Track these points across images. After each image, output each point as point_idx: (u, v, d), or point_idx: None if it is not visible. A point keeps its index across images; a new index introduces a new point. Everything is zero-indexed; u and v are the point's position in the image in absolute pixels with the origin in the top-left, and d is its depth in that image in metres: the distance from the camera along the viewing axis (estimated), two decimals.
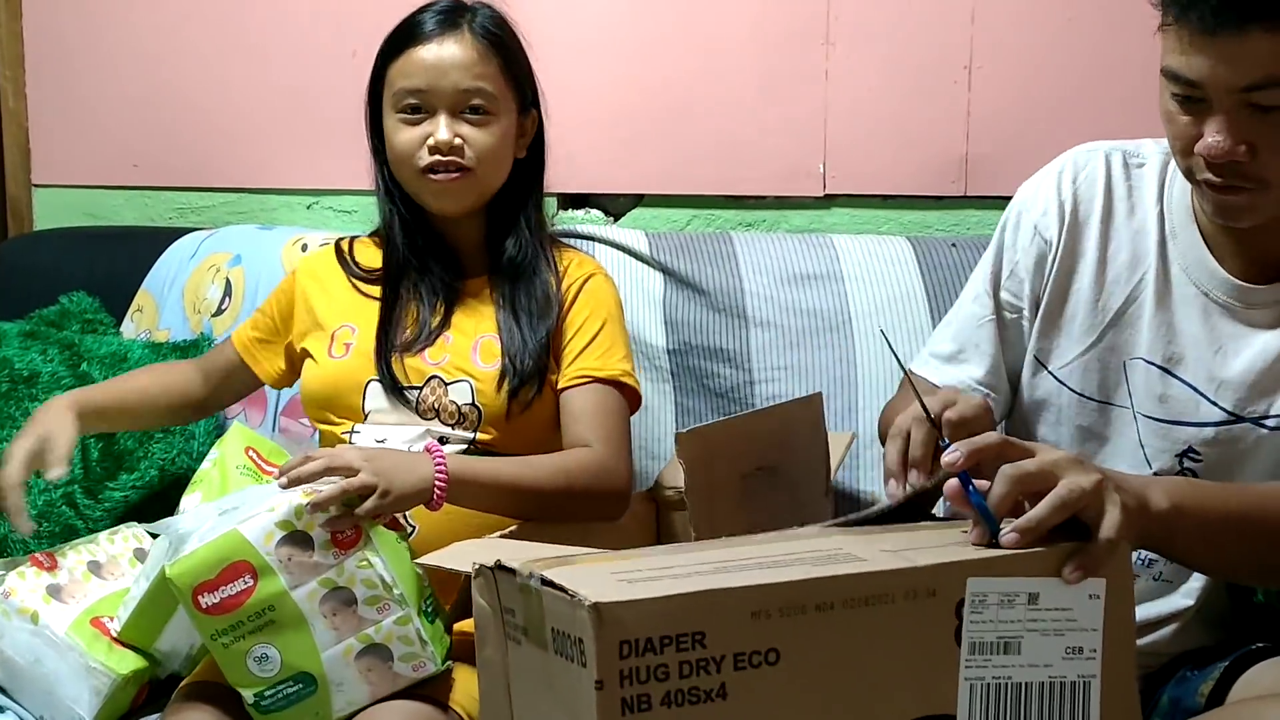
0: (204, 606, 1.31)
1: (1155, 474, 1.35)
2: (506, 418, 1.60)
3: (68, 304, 2.17)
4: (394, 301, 1.67)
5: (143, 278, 2.24)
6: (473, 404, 1.60)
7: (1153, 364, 1.36)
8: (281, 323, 1.75)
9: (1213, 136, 1.18)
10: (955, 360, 1.48)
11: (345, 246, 1.77)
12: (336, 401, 1.63)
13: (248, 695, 1.34)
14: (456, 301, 1.68)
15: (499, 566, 0.94)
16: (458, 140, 1.61)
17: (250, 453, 1.65)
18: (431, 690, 1.40)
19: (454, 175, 1.62)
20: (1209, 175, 1.22)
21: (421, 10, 1.67)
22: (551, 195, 2.32)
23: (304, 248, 2.13)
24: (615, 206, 2.33)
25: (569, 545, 1.29)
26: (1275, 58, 1.13)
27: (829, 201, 2.23)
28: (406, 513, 1.52)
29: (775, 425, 1.56)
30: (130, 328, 2.20)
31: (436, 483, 1.45)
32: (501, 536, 1.38)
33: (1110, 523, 0.97)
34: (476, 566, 0.97)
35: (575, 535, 1.35)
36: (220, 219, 2.44)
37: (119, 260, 2.28)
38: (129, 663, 1.49)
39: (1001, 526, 0.97)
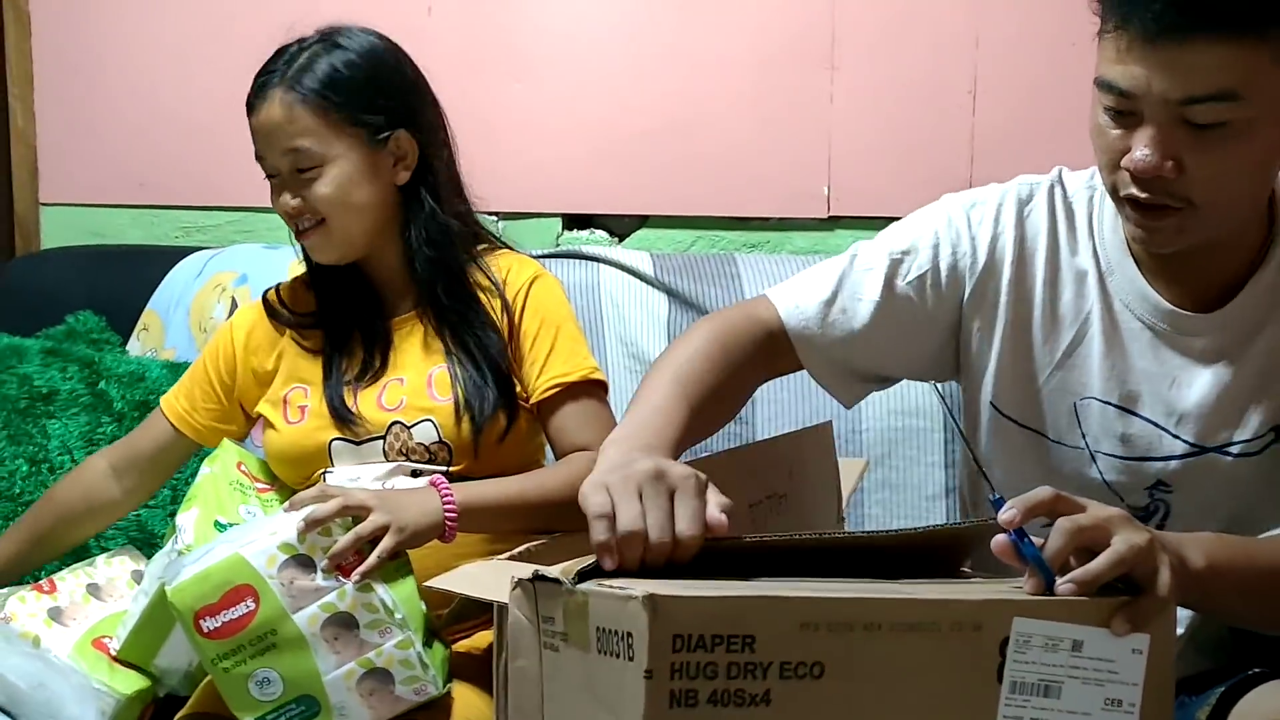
0: (206, 631, 1.31)
1: (1128, 509, 1.28)
2: (475, 452, 1.56)
3: (74, 323, 2.17)
4: (333, 356, 1.63)
5: (148, 297, 2.25)
6: (439, 441, 1.56)
7: (1109, 403, 1.32)
8: (222, 387, 1.69)
9: (1140, 150, 1.13)
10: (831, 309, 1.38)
11: (274, 299, 1.71)
12: (303, 464, 1.60)
13: None
14: (391, 341, 1.63)
15: (539, 577, 0.96)
16: (296, 202, 1.58)
17: (241, 468, 1.65)
18: (430, 715, 1.40)
19: (313, 232, 1.59)
20: (1133, 190, 1.17)
21: (265, 63, 1.64)
22: (556, 216, 2.34)
23: None
24: (620, 227, 2.34)
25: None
26: (1213, 71, 1.09)
27: (833, 223, 2.24)
28: None
29: (784, 453, 1.53)
30: (136, 347, 2.21)
31: (447, 516, 1.44)
32: (509, 558, 1.38)
33: (1163, 581, 0.97)
34: (515, 580, 0.99)
35: (581, 553, 1.35)
36: (226, 238, 2.44)
37: (125, 279, 2.28)
38: (132, 683, 1.49)
39: (1057, 578, 0.97)
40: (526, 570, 0.97)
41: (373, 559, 1.37)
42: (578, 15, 2.30)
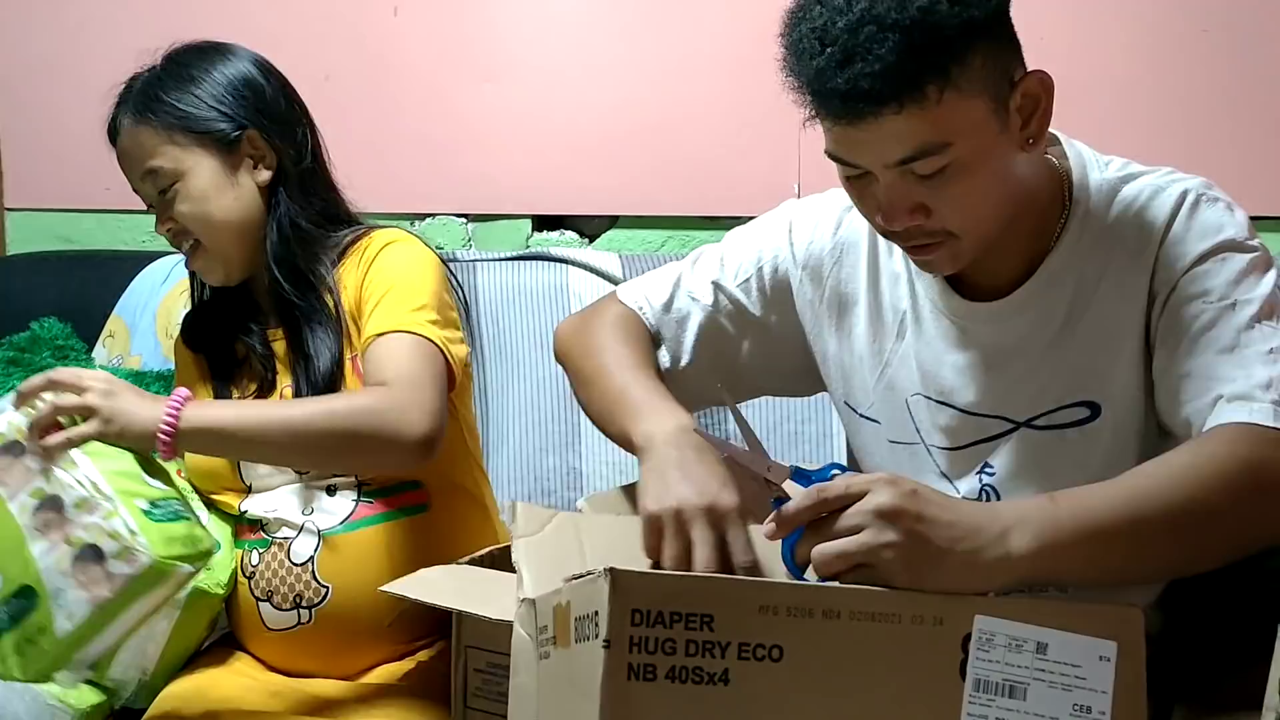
0: None
1: (964, 497, 1.35)
2: None
3: (39, 330, 2.14)
4: (230, 374, 1.62)
5: (114, 302, 2.23)
6: None
7: (929, 398, 1.37)
8: None
9: (887, 209, 1.20)
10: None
11: (190, 323, 1.70)
12: (218, 479, 1.57)
13: None
14: (274, 352, 1.59)
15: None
16: (170, 225, 1.57)
17: None
18: None
19: (197, 255, 1.58)
20: (899, 241, 1.26)
21: None
22: (526, 217, 2.33)
23: None
24: (590, 228, 2.33)
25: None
26: (915, 133, 1.14)
27: None
28: (317, 576, 1.49)
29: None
30: (102, 354, 2.19)
31: (162, 427, 1.38)
32: (469, 562, 1.38)
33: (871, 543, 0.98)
34: (521, 600, 1.02)
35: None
36: None
37: (91, 285, 2.26)
38: (87, 698, 1.47)
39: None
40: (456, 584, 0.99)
41: (60, 436, 1.37)
42: (546, 16, 2.29)
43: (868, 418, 1.42)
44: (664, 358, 1.45)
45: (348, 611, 1.49)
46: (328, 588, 1.50)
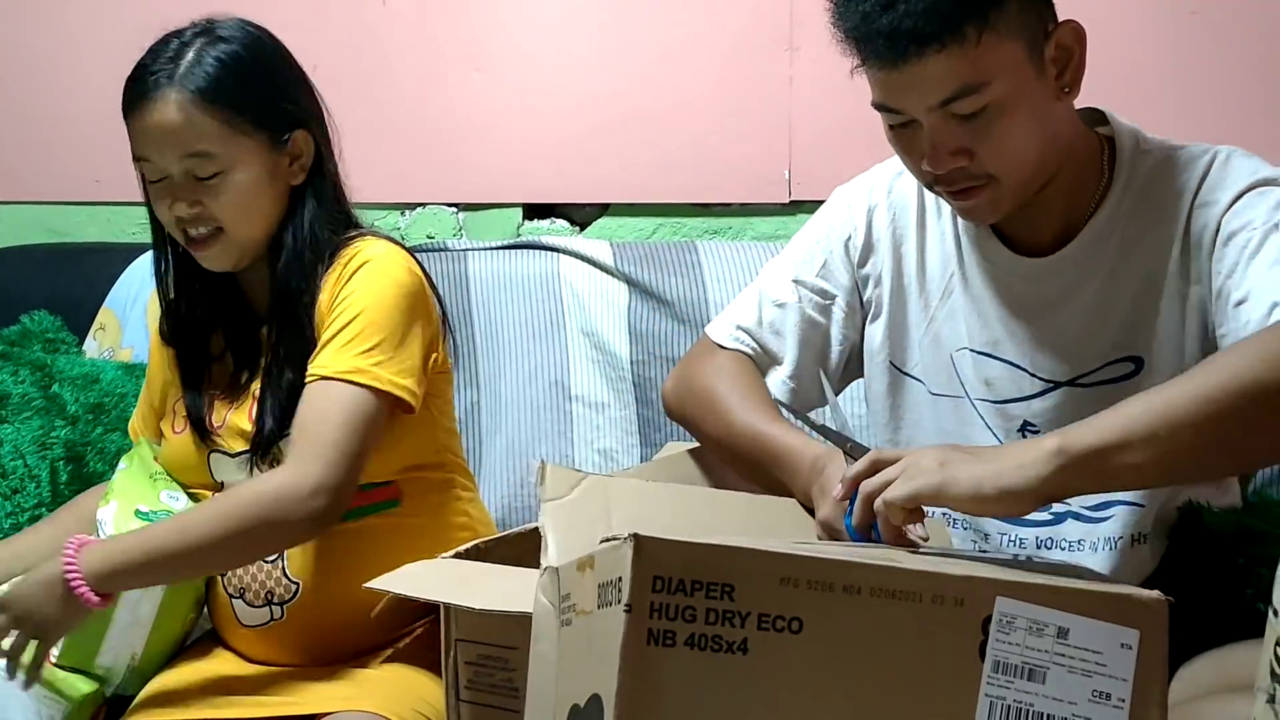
0: None
1: None
2: None
3: (29, 323, 2.15)
4: (200, 366, 1.58)
5: (105, 295, 2.23)
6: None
7: (976, 351, 1.43)
8: (153, 390, 1.67)
9: (930, 155, 1.28)
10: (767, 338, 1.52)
11: (171, 310, 1.62)
12: (188, 476, 1.57)
13: None
14: (260, 353, 1.55)
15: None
16: (194, 210, 1.48)
17: (159, 460, 1.63)
18: (381, 689, 1.41)
19: (210, 242, 1.50)
20: (941, 186, 1.32)
21: (143, 58, 1.54)
22: (516, 206, 2.32)
23: None
24: (581, 216, 2.32)
25: (518, 564, 1.29)
26: (956, 73, 1.23)
27: (795, 208, 2.22)
28: (287, 573, 1.48)
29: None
30: (93, 346, 2.19)
31: (74, 588, 1.35)
32: (454, 556, 1.37)
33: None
34: (544, 569, 1.02)
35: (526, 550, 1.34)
36: None
37: (80, 278, 2.26)
38: (80, 687, 1.48)
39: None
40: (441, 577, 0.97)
41: (32, 672, 1.38)
42: (535, 4, 2.28)
43: (912, 376, 1.48)
44: (773, 375, 1.50)
45: (319, 607, 1.48)
46: (297, 584, 1.49)
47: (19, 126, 2.47)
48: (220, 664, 1.53)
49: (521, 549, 1.36)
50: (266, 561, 1.49)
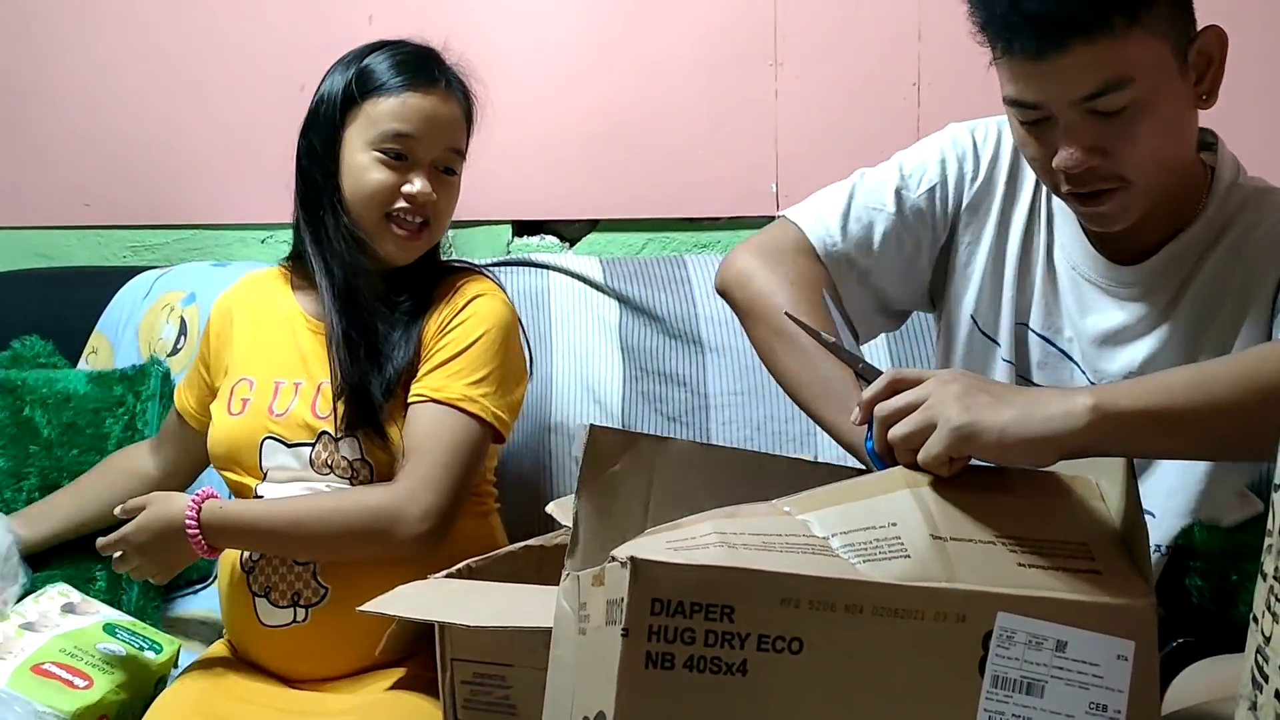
0: None
1: None
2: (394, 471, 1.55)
3: (20, 348, 2.14)
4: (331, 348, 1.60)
5: (97, 319, 2.22)
6: (362, 459, 1.56)
7: (1037, 332, 1.42)
8: (210, 372, 1.73)
9: (1064, 150, 1.24)
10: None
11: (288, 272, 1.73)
12: (237, 458, 1.60)
13: None
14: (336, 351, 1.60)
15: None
16: (434, 196, 1.60)
17: None
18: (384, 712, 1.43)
19: (416, 233, 1.62)
20: (1071, 187, 1.28)
21: (404, 50, 1.65)
22: (506, 222, 2.33)
23: None
24: (570, 232, 2.33)
25: (511, 582, 1.29)
26: (1101, 67, 1.19)
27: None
28: (318, 576, 1.53)
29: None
30: (86, 370, 2.18)
31: (190, 536, 1.51)
32: (447, 575, 1.37)
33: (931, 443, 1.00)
34: (565, 573, 1.02)
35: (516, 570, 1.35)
36: (175, 256, 2.42)
37: (72, 302, 2.26)
38: (76, 701, 1.49)
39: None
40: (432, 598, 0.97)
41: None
42: (521, 21, 2.29)
43: (990, 338, 1.46)
44: (845, 269, 1.45)
45: (344, 614, 1.48)
46: (327, 589, 1.52)
47: (7, 152, 2.48)
48: (222, 693, 1.53)
49: (514, 567, 1.37)
50: (298, 564, 1.53)
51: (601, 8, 2.27)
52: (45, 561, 1.82)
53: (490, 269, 1.80)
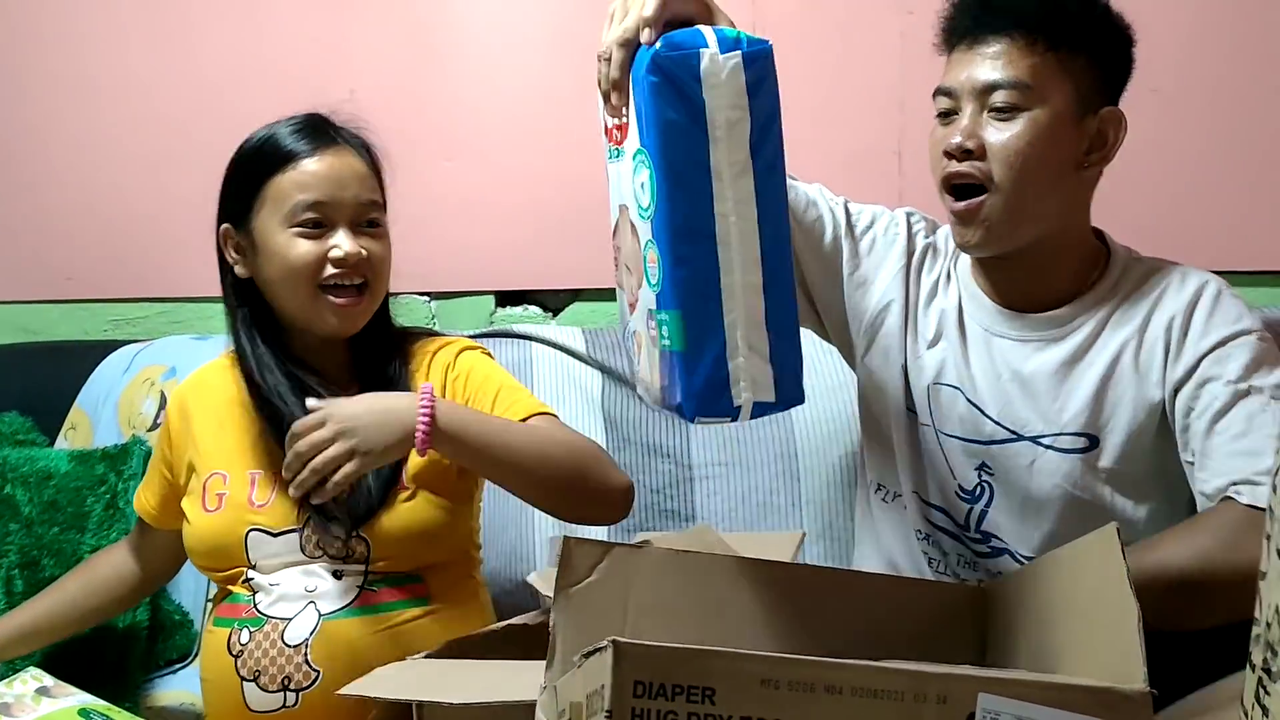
0: None
1: (959, 487, 1.53)
2: (393, 545, 1.52)
3: None
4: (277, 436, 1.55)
5: (76, 394, 2.20)
6: (358, 534, 1.53)
7: (954, 387, 1.53)
8: (172, 472, 1.68)
9: (955, 136, 1.45)
10: None
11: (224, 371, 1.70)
12: (220, 556, 1.57)
13: None
14: None
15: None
16: (363, 253, 1.56)
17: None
18: None
19: (356, 298, 1.57)
20: (949, 167, 1.45)
21: (291, 123, 1.64)
22: (489, 293, 2.33)
23: None
24: (553, 302, 2.32)
25: (488, 659, 1.27)
26: (1012, 64, 1.41)
27: None
28: (309, 660, 1.49)
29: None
30: (65, 447, 2.16)
31: (420, 425, 1.43)
32: (426, 657, 1.35)
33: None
34: (543, 686, 1.03)
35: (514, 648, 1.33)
36: (157, 329, 2.41)
37: (52, 377, 2.24)
38: None
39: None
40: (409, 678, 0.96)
41: (331, 485, 1.41)
42: (502, 92, 2.30)
43: (913, 407, 1.58)
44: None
45: (336, 698, 1.46)
46: (318, 672, 1.49)
47: None
48: None
49: (494, 646, 1.35)
50: (289, 647, 1.48)
51: (585, 81, 2.27)
52: None
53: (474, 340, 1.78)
